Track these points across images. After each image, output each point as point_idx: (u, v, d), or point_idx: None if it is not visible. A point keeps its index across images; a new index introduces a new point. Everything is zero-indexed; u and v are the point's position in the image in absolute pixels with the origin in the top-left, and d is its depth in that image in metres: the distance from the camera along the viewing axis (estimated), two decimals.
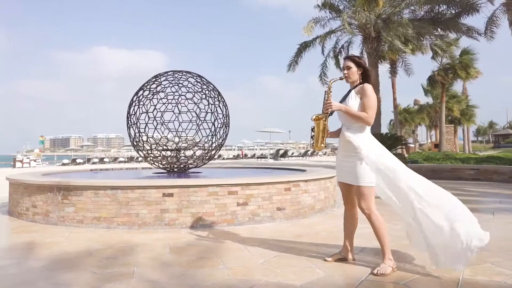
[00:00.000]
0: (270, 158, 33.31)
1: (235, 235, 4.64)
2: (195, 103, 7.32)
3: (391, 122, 43.64)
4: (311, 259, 3.62)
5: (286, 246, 4.10)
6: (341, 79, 3.50)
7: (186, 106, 7.38)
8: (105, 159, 37.80)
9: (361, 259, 3.59)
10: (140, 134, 7.37)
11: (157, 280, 3.14)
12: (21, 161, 30.23)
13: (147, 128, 7.39)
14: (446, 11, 14.48)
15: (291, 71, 18.85)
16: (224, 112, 7.55)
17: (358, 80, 3.45)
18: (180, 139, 7.60)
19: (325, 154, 44.83)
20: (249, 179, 5.41)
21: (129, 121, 7.48)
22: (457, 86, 32.84)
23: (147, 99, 7.39)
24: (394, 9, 15.16)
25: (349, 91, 3.49)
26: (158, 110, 7.35)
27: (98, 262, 3.66)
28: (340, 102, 3.47)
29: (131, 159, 36.01)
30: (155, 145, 7.47)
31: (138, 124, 7.36)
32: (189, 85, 7.43)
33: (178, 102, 7.31)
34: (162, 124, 7.39)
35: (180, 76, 7.53)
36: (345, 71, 3.46)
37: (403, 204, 3.28)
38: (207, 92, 7.42)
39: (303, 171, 7.26)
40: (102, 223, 5.13)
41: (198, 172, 7.69)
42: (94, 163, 34.69)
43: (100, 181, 5.41)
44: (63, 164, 32.52)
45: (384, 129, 36.47)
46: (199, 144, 7.72)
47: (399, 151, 12.78)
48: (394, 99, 27.21)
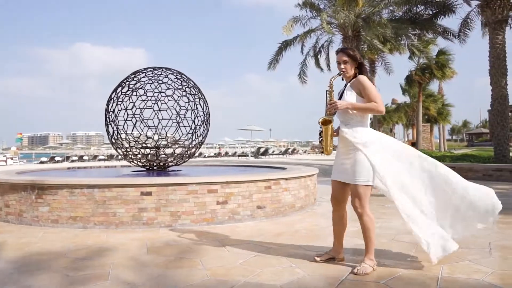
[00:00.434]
0: (251, 156, 33.24)
1: (215, 234, 4.54)
2: (175, 100, 7.18)
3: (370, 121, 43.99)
4: (291, 258, 3.55)
5: (266, 245, 4.02)
6: (339, 75, 3.32)
7: (166, 103, 7.22)
8: (84, 157, 37.06)
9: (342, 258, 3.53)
10: (119, 131, 7.18)
11: (132, 281, 3.02)
12: None
13: (126, 126, 7.21)
14: (424, 11, 14.67)
15: (272, 69, 18.81)
16: (204, 110, 7.42)
17: (353, 74, 3.30)
18: (159, 137, 7.44)
19: (305, 152, 45.05)
20: (229, 177, 5.32)
21: (108, 118, 7.28)
22: (433, 86, 33.48)
23: (126, 96, 7.21)
24: (374, 9, 15.27)
25: (344, 87, 3.34)
26: (137, 107, 7.18)
27: (72, 263, 3.51)
28: (339, 98, 3.34)
29: (111, 157, 35.39)
30: (134, 142, 7.29)
31: (117, 121, 7.18)
32: (169, 82, 7.28)
33: (157, 99, 7.14)
34: (141, 122, 7.22)
35: (160, 73, 7.37)
36: (342, 66, 3.27)
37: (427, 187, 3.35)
38: (187, 89, 7.28)
39: (284, 169, 7.20)
40: (78, 222, 4.95)
41: (178, 170, 7.54)
42: (73, 161, 33.94)
43: (76, 179, 5.22)
44: (41, 162, 31.73)
45: None
46: (179, 142, 7.58)
47: None
48: None
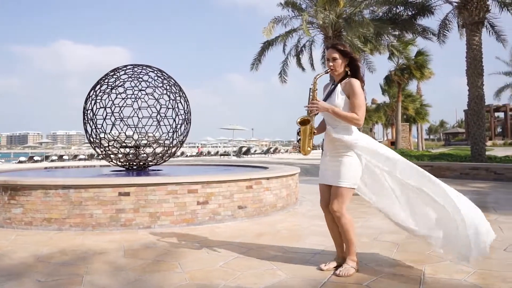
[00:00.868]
0: (233, 155, 33.08)
1: (195, 236, 4.41)
2: (156, 99, 6.99)
3: None
4: (272, 260, 3.45)
5: (247, 246, 3.91)
6: (326, 73, 3.15)
7: (146, 102, 7.03)
8: (64, 157, 36.20)
9: (322, 259, 3.45)
10: (97, 130, 6.96)
11: (108, 287, 2.87)
12: None
13: (105, 124, 6.99)
14: (403, 12, 14.76)
15: (255, 69, 18.67)
16: (185, 108, 7.26)
17: (343, 71, 3.12)
18: (139, 136, 7.23)
19: (286, 151, 45.10)
20: (210, 177, 5.18)
21: (86, 116, 7.05)
22: (412, 86, 33.92)
23: (105, 94, 6.99)
24: (355, 9, 15.31)
25: (334, 86, 3.15)
26: (117, 105, 6.96)
27: (45, 268, 3.32)
28: (325, 99, 3.16)
29: (91, 156, 34.67)
30: (113, 141, 7.07)
31: (95, 119, 6.95)
32: (149, 80, 7.09)
33: (137, 97, 6.94)
34: (121, 120, 7.01)
35: (140, 70, 7.17)
36: (331, 63, 3.10)
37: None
38: (168, 87, 7.10)
39: (265, 168, 7.10)
40: (53, 224, 4.74)
41: (158, 170, 7.36)
42: (52, 160, 33.08)
43: (50, 179, 5.00)
44: (20, 162, 30.81)
45: None
46: (160, 141, 7.40)
47: None
48: None
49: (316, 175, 11.69)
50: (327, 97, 3.16)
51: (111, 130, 6.94)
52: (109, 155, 7.08)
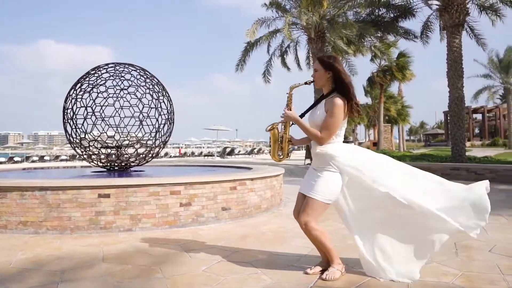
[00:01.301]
0: (217, 156, 32.85)
1: (177, 239, 4.25)
2: (138, 98, 6.80)
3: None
4: (257, 263, 3.33)
5: (231, 249, 3.78)
6: (306, 83, 3.04)
7: (128, 101, 6.82)
8: (45, 157, 35.32)
9: (308, 263, 3.34)
10: (77, 129, 6.72)
11: None
12: None
13: (85, 124, 6.75)
14: (386, 14, 14.85)
15: (239, 70, 18.55)
16: (169, 108, 7.08)
17: (330, 86, 2.96)
18: (121, 136, 7.02)
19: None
20: (193, 178, 5.03)
21: (66, 115, 6.81)
22: (393, 88, 34.30)
23: (85, 93, 6.76)
24: (338, 10, 15.34)
25: (322, 98, 3.04)
26: (98, 104, 6.74)
27: (17, 274, 3.13)
28: (309, 109, 3.08)
29: (73, 157, 33.92)
30: (94, 141, 6.84)
31: (75, 119, 6.72)
32: (132, 79, 6.88)
33: (119, 96, 6.72)
34: (102, 120, 6.78)
35: (122, 69, 6.96)
36: (313, 74, 3.02)
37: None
38: (150, 86, 6.91)
39: (250, 169, 6.98)
40: (29, 228, 4.52)
41: (140, 171, 7.17)
42: (33, 161, 32.25)
43: (27, 181, 4.77)
44: None
45: None
46: (142, 141, 7.21)
47: None
48: None
49: (300, 176, 11.68)
50: (311, 108, 3.08)
51: (91, 130, 6.72)
52: (90, 156, 6.86)
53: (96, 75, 6.88)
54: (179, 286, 2.83)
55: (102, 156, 6.91)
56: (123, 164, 6.98)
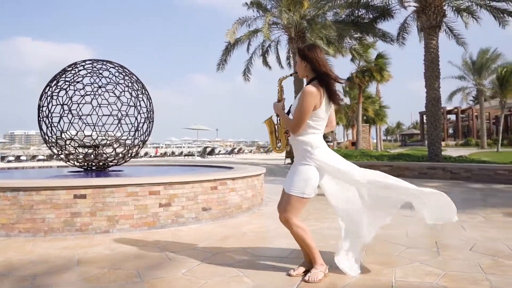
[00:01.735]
0: (198, 155, 32.55)
1: (156, 240, 4.10)
2: (117, 96, 6.57)
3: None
4: (238, 265, 3.22)
5: (212, 251, 3.66)
6: (291, 75, 3.10)
7: (106, 99, 6.59)
8: (22, 157, 34.24)
9: (290, 264, 3.25)
10: (53, 128, 6.46)
11: None
12: None
13: (62, 122, 6.48)
14: (365, 15, 14.95)
15: (221, 70, 18.39)
16: (148, 106, 6.88)
17: (311, 75, 2.90)
18: (98, 135, 6.77)
19: (250, 152, 44.97)
20: (173, 178, 4.87)
21: (40, 114, 6.54)
22: (371, 88, 34.70)
23: (61, 90, 6.50)
24: (318, 10, 15.35)
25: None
26: (75, 102, 6.48)
27: None
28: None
29: (50, 157, 32.99)
30: (70, 140, 6.58)
31: (51, 117, 6.45)
32: (110, 76, 6.65)
33: (96, 93, 6.48)
34: (79, 119, 6.52)
35: (100, 66, 6.72)
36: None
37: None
38: (129, 83, 6.69)
39: (230, 168, 6.86)
40: (0, 230, 4.28)
41: (119, 171, 6.95)
42: (9, 161, 31.21)
43: None
44: None
45: None
46: (121, 140, 6.98)
47: None
48: None
49: (281, 175, 11.60)
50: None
51: (68, 128, 6.45)
52: (67, 155, 6.60)
53: (73, 72, 6.63)
54: None
55: (79, 156, 6.67)
56: (101, 163, 6.75)
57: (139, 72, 7.29)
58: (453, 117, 52.07)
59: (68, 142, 6.56)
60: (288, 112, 3.00)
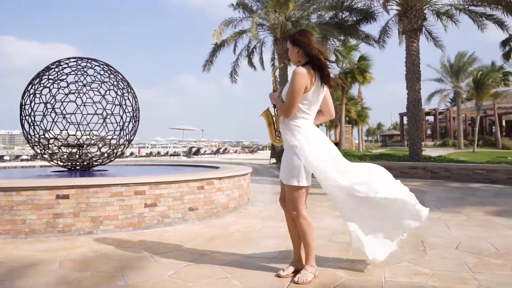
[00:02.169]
0: (183, 155, 32.22)
1: (142, 241, 3.94)
2: (102, 95, 6.35)
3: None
4: (226, 267, 3.09)
5: (199, 252, 3.52)
6: (284, 63, 3.01)
7: (91, 98, 6.36)
8: (5, 157, 33.28)
9: (279, 264, 3.14)
10: (35, 127, 6.21)
11: None
12: None
13: (45, 121, 6.23)
14: (348, 17, 14.99)
15: (207, 71, 18.22)
16: (133, 105, 6.67)
17: (304, 61, 2.79)
18: (82, 134, 6.54)
19: (235, 152, 44.80)
20: (159, 178, 4.71)
21: (23, 112, 6.28)
22: (354, 90, 34.93)
23: (45, 88, 6.25)
24: (303, 12, 15.33)
25: None
26: (58, 100, 6.23)
27: None
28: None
29: (34, 157, 32.17)
30: (54, 139, 6.34)
31: (33, 115, 6.19)
32: (95, 74, 6.42)
33: (80, 91, 6.24)
34: (63, 118, 6.28)
35: (85, 64, 6.49)
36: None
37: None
38: (115, 82, 6.48)
39: (217, 168, 6.72)
40: None
41: (104, 170, 6.73)
42: None
43: None
44: None
45: None
46: (106, 139, 6.75)
47: None
48: None
49: (266, 175, 11.48)
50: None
51: (51, 127, 6.21)
52: (50, 155, 6.35)
53: (56, 69, 6.38)
54: None
55: (63, 155, 6.43)
56: (85, 163, 6.52)
57: (126, 72, 7.06)
58: (431, 118, 52.88)
59: (51, 141, 6.32)
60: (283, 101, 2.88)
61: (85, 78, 6.37)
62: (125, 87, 6.56)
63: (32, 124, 6.19)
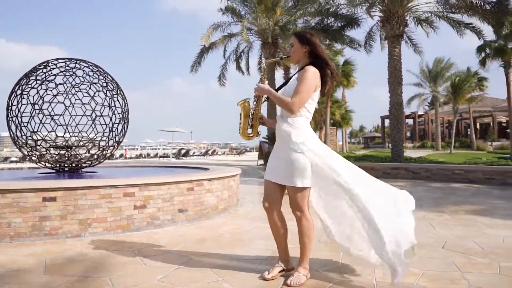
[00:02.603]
0: (173, 157, 31.86)
1: (131, 244, 3.77)
2: (91, 96, 6.13)
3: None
4: (216, 269, 2.95)
5: (189, 255, 3.37)
6: (281, 58, 2.77)
7: (80, 99, 6.13)
8: None
9: (270, 266, 3.01)
10: (22, 128, 5.96)
11: None
12: None
13: (32, 122, 5.98)
14: (334, 23, 15.00)
15: (194, 72, 18.09)
16: (123, 107, 6.46)
17: (307, 60, 2.67)
18: (71, 135, 6.29)
19: (224, 153, 44.57)
20: (148, 179, 4.53)
21: (9, 113, 6.02)
22: (338, 93, 35.04)
23: (32, 89, 6.00)
24: (290, 17, 15.30)
25: (294, 74, 2.77)
26: (46, 101, 5.99)
27: None
28: (282, 85, 2.79)
29: (23, 158, 31.38)
30: (41, 141, 6.09)
31: (20, 116, 5.94)
32: (84, 75, 6.19)
33: (68, 92, 6.01)
34: (52, 119, 6.03)
35: (74, 65, 6.26)
36: (288, 49, 2.77)
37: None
38: (104, 83, 6.27)
39: (206, 169, 6.56)
40: None
41: (93, 172, 6.51)
42: None
43: None
44: None
45: None
46: (95, 141, 6.53)
47: None
48: None
49: (254, 176, 11.30)
50: (285, 84, 2.78)
51: (38, 128, 5.97)
52: (38, 156, 6.10)
53: (44, 70, 6.14)
54: None
55: (51, 157, 6.18)
56: (73, 164, 6.29)
57: (116, 75, 6.83)
58: (410, 121, 53.51)
59: (39, 142, 6.08)
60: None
61: (73, 79, 6.15)
62: (114, 88, 6.36)
63: (19, 126, 5.95)
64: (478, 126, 42.06)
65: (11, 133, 6.05)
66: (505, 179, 9.31)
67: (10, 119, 5.94)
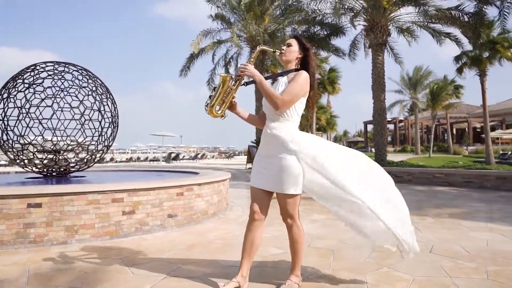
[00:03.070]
0: (163, 161, 31.45)
1: (119, 251, 3.58)
2: (80, 100, 5.90)
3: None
4: (206, 278, 2.79)
5: (178, 262, 3.20)
6: (274, 52, 2.61)
7: (69, 103, 5.89)
8: None
9: (260, 274, 2.88)
10: (8, 132, 5.69)
11: None
12: None
13: (20, 126, 5.72)
14: (320, 31, 15.02)
15: (183, 76, 17.94)
16: (112, 111, 6.25)
17: (295, 66, 2.57)
18: (58, 139, 6.04)
19: (213, 157, 44.25)
20: (137, 184, 4.34)
21: None
22: (323, 99, 35.24)
23: (19, 92, 5.74)
24: (278, 25, 15.27)
25: (279, 74, 2.63)
26: (34, 105, 5.74)
27: None
28: (268, 78, 2.67)
29: (12, 163, 30.38)
30: (28, 145, 5.83)
31: (6, 119, 5.68)
32: (73, 79, 5.96)
33: (56, 96, 5.78)
34: (39, 123, 5.78)
35: (63, 69, 6.02)
36: (284, 47, 2.59)
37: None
38: (93, 87, 6.05)
39: (196, 173, 6.39)
40: None
41: (81, 177, 6.26)
42: None
43: None
44: None
45: None
46: (83, 145, 6.29)
47: None
48: None
49: (243, 180, 11.11)
50: (270, 78, 2.68)
51: (25, 132, 5.71)
52: (23, 161, 5.84)
53: (32, 73, 5.90)
54: None
55: (38, 161, 5.93)
56: (61, 169, 6.04)
57: (106, 78, 6.63)
58: (391, 126, 54.11)
59: (26, 146, 5.82)
60: None
61: (62, 83, 5.92)
62: (103, 92, 6.15)
63: (5, 129, 5.68)
64: (454, 131, 42.78)
65: None
66: (482, 182, 9.39)
67: None
